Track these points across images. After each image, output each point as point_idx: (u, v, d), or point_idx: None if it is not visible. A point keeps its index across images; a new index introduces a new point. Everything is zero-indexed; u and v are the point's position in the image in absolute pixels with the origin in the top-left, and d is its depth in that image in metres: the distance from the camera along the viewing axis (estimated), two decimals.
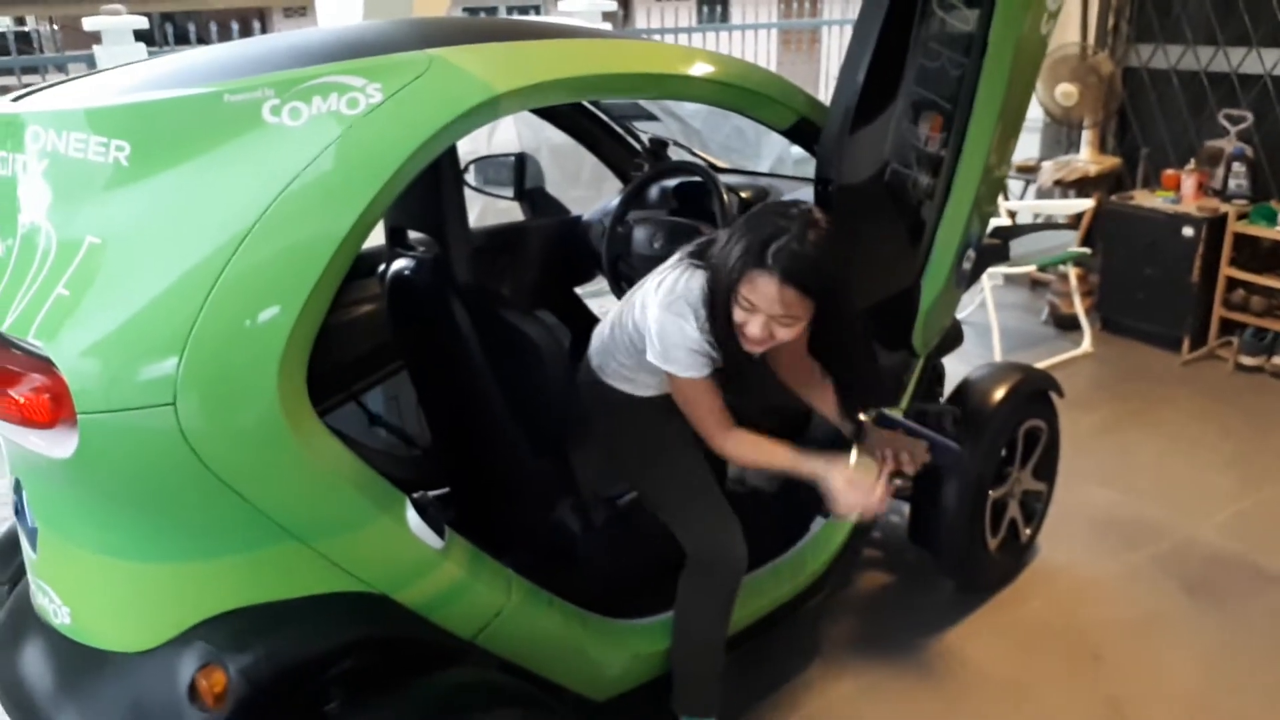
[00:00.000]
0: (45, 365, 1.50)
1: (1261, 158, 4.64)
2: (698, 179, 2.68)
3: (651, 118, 2.68)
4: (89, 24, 6.77)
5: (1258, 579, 3.07)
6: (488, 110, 1.68)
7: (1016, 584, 3.04)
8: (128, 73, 1.74)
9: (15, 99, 1.71)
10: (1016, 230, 3.83)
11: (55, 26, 18.55)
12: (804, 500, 2.64)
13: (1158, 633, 2.83)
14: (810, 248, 1.79)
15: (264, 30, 8.14)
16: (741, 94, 2.12)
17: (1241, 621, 2.88)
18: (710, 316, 1.89)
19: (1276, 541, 3.25)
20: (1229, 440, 3.96)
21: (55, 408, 1.50)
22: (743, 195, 2.71)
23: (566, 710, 2.06)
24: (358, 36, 1.78)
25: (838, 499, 1.99)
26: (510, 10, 12.77)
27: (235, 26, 7.58)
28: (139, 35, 6.81)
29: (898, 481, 1.81)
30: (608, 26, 8.62)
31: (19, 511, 1.78)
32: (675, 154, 3.10)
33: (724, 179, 2.69)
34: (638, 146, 3.05)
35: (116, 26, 6.68)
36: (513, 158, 3.00)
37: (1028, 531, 3.07)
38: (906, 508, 2.98)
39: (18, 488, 1.77)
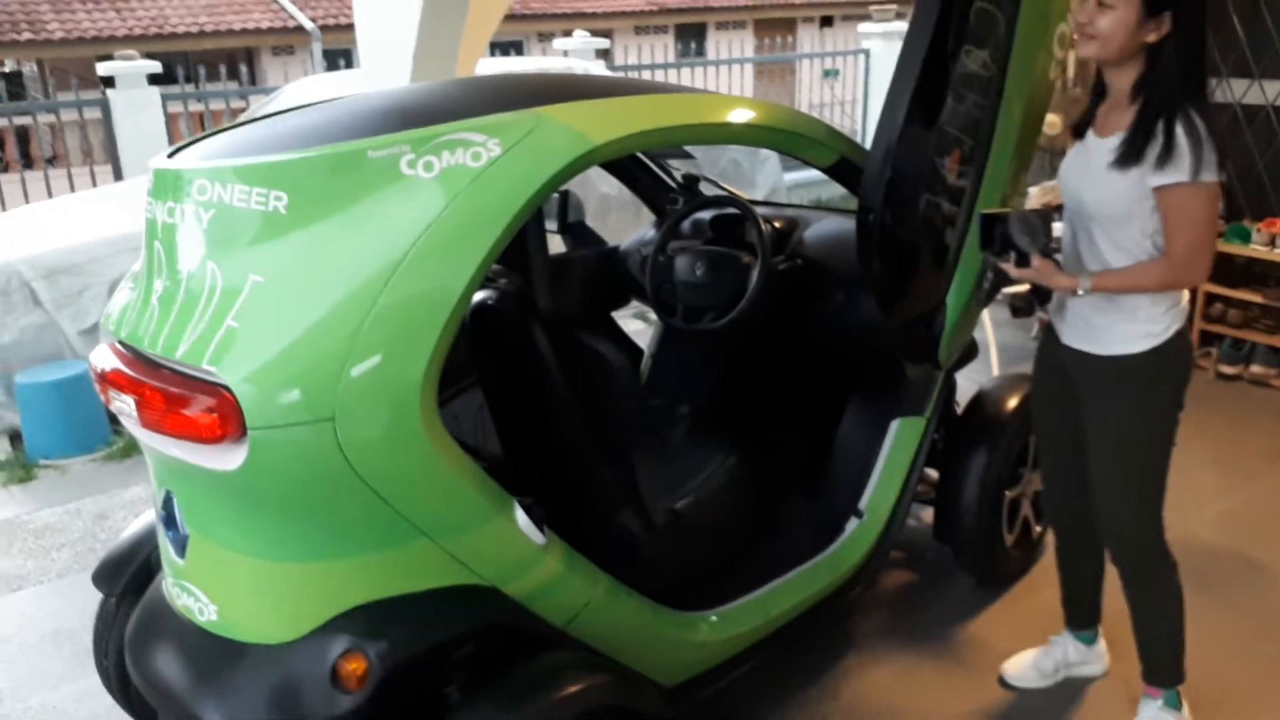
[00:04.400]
0: (213, 388, 1.71)
1: (1234, 181, 4.96)
2: (735, 211, 2.91)
3: (688, 156, 2.92)
4: (103, 69, 6.96)
5: (1248, 568, 3.34)
6: (587, 159, 1.93)
7: (1030, 577, 3.28)
8: (266, 128, 1.97)
9: (170, 155, 1.94)
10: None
11: (29, 67, 18.64)
12: (837, 502, 2.89)
13: None
14: None
15: (252, 70, 8.35)
16: (791, 138, 2.37)
17: (1235, 607, 3.14)
18: None
19: (1263, 535, 3.53)
20: (1213, 443, 4.24)
21: (223, 425, 1.71)
22: (776, 225, 2.96)
23: (646, 683, 2.27)
24: (461, 95, 2.02)
25: None
26: (492, 50, 13.05)
27: (222, 68, 7.79)
28: (153, 79, 7.03)
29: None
30: (601, 64, 8.92)
31: (169, 521, 1.98)
32: (702, 189, 3.34)
33: (758, 211, 2.93)
34: (670, 183, 3.30)
35: (130, 71, 6.88)
36: (556, 195, 3.23)
37: (1039, 529, 3.32)
38: (927, 511, 3.23)
39: (168, 500, 1.98)
